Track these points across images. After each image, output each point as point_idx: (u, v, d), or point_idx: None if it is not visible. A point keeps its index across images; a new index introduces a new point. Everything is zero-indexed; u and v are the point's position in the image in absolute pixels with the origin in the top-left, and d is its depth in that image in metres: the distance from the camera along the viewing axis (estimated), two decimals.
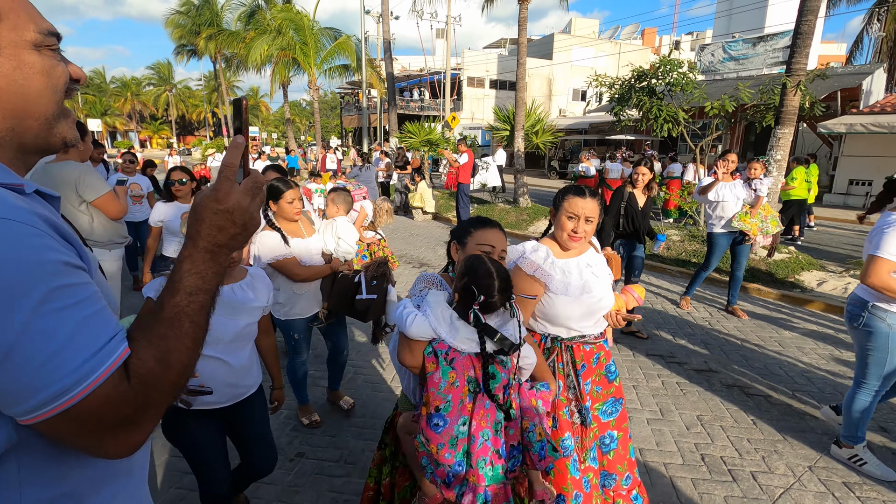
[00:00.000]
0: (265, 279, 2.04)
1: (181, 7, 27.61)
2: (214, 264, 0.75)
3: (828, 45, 29.73)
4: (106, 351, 0.64)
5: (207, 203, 0.74)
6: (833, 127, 13.01)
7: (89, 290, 0.66)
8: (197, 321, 0.72)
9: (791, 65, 6.96)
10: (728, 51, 19.23)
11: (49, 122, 0.72)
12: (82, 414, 0.61)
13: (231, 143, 0.77)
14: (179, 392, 0.73)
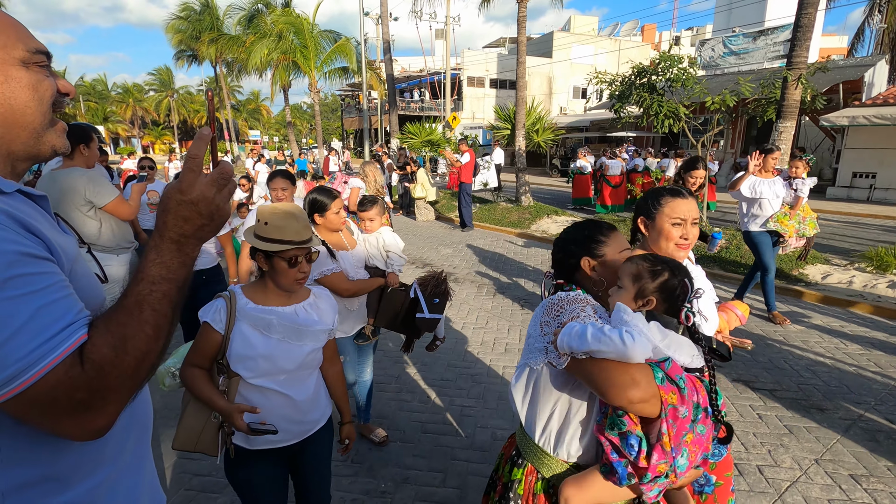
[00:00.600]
0: (329, 298, 1.84)
1: (181, 12, 27.74)
2: (180, 254, 0.77)
3: (829, 38, 29.60)
4: (60, 337, 0.66)
5: (172, 194, 0.76)
6: (836, 120, 12.95)
7: (51, 279, 0.69)
8: (158, 309, 0.73)
9: (792, 58, 6.94)
10: (728, 45, 19.17)
11: (37, 131, 0.76)
12: (36, 397, 0.65)
13: (197, 135, 0.77)
14: (142, 380, 0.74)
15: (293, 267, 1.60)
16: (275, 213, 1.61)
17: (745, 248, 6.85)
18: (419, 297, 2.69)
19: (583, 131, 24.76)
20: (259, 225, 1.61)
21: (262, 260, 1.61)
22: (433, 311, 2.68)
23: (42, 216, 0.79)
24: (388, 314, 2.75)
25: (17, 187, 0.75)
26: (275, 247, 1.57)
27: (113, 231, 3.07)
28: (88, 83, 50.47)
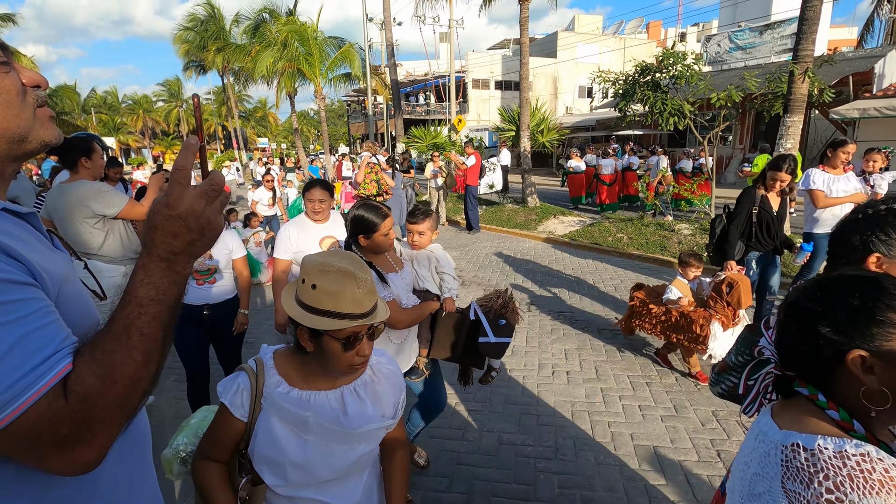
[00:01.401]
0: (394, 374, 1.35)
1: (188, 23, 28.09)
2: (170, 273, 0.72)
3: (837, 30, 29.21)
4: (42, 368, 0.62)
5: (159, 209, 0.71)
6: (846, 112, 12.76)
7: (33, 305, 0.65)
8: (148, 333, 0.69)
9: (798, 52, 6.85)
10: (734, 40, 18.99)
11: (14, 135, 0.72)
12: (18, 432, 0.61)
13: (184, 145, 0.72)
14: (134, 408, 0.70)
15: (350, 349, 1.13)
16: (326, 271, 1.11)
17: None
18: (481, 318, 2.34)
19: (589, 130, 24.65)
20: (304, 287, 1.12)
21: (305, 337, 1.14)
22: (500, 335, 2.34)
23: (29, 234, 0.76)
24: (444, 343, 2.41)
25: (3, 206, 0.73)
26: (327, 323, 1.09)
27: (122, 242, 3.09)
28: (100, 96, 51.30)
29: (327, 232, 3.03)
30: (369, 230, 2.13)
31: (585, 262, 7.57)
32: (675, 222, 8.38)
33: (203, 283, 2.83)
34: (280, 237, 2.96)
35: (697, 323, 3.58)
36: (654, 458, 2.85)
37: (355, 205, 2.22)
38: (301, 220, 3.04)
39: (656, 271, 6.84)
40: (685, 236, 7.61)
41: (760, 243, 3.83)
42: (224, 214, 0.85)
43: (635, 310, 4.15)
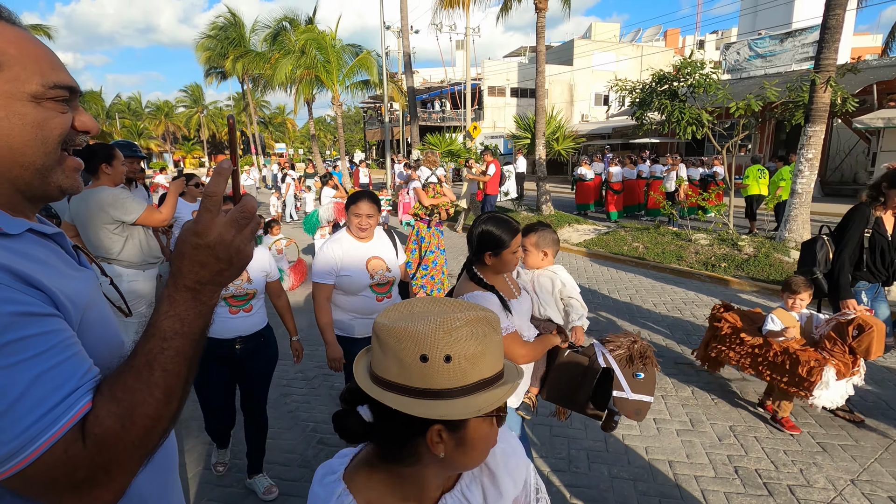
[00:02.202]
0: (517, 455, 0.93)
1: (210, 31, 28.74)
2: (197, 304, 0.69)
3: (861, 37, 28.67)
4: (60, 409, 0.60)
5: (187, 237, 0.68)
6: (870, 122, 12.50)
7: (53, 339, 0.62)
8: (171, 369, 0.66)
9: (820, 60, 6.75)
10: (754, 48, 18.76)
11: (40, 171, 0.70)
12: (35, 476, 0.59)
13: (216, 169, 0.69)
14: (154, 447, 0.67)
15: (502, 423, 0.82)
16: (453, 328, 0.74)
17: (774, 255, 6.64)
18: (614, 369, 1.99)
19: (605, 138, 24.52)
20: (426, 368, 0.73)
21: (445, 436, 0.75)
22: (638, 391, 1.96)
23: (56, 256, 0.75)
24: (563, 387, 2.09)
25: (27, 226, 0.70)
26: (487, 400, 0.74)
27: (141, 248, 3.14)
28: (124, 101, 52.64)
29: (374, 252, 2.62)
30: (498, 247, 1.87)
31: (600, 270, 7.51)
32: (692, 232, 8.27)
33: (237, 312, 2.44)
34: (321, 259, 2.56)
35: (806, 365, 2.99)
36: (669, 473, 2.80)
37: (481, 218, 1.95)
38: (343, 239, 2.61)
39: (673, 281, 6.75)
40: (702, 246, 7.51)
41: (872, 273, 3.29)
42: None
43: (720, 334, 3.56)
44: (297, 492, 2.67)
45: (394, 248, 2.76)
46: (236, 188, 0.73)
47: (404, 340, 0.74)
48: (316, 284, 2.57)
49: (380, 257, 2.63)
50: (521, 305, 2.00)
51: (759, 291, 6.15)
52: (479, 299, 1.82)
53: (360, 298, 2.61)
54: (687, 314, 5.43)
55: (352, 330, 2.67)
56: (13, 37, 0.68)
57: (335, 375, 4.08)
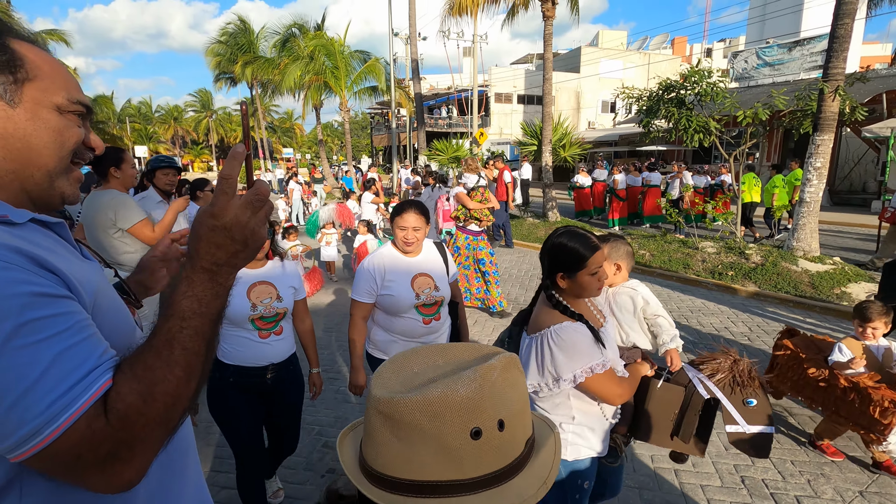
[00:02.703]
0: None
1: (220, 37, 29.08)
2: (213, 285, 0.71)
3: (870, 46, 28.56)
4: (81, 386, 0.61)
5: (204, 219, 0.70)
6: (879, 131, 12.41)
7: (70, 320, 0.64)
8: (190, 347, 0.68)
9: (828, 70, 6.74)
10: (762, 56, 18.72)
11: (50, 174, 0.75)
12: (58, 453, 0.60)
13: (230, 153, 0.71)
14: (175, 425, 0.69)
15: None
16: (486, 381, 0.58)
17: (781, 265, 6.60)
18: (719, 396, 1.69)
19: (612, 145, 24.51)
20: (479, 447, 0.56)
21: None
22: (753, 422, 1.68)
23: (60, 245, 0.77)
24: (658, 423, 1.78)
25: (31, 216, 0.73)
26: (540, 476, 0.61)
27: (142, 253, 3.11)
28: (134, 106, 53.27)
29: (421, 267, 2.37)
30: (573, 266, 1.57)
31: None
32: (698, 240, 8.24)
33: (268, 336, 2.18)
34: (361, 274, 2.33)
35: (879, 405, 2.61)
36: (675, 482, 2.79)
37: (557, 232, 1.65)
38: (387, 253, 2.38)
39: (679, 289, 6.72)
40: (709, 254, 7.48)
41: None
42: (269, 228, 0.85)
43: (779, 362, 3.27)
44: (302, 495, 2.68)
45: (444, 263, 2.48)
46: (249, 172, 0.75)
47: (446, 415, 0.54)
48: (354, 302, 2.36)
49: (427, 274, 2.36)
50: (609, 334, 1.70)
51: (759, 298, 6.11)
52: (569, 332, 1.53)
53: (404, 320, 2.34)
54: (694, 322, 5.40)
55: (392, 352, 2.37)
56: (47, 58, 0.77)
57: (340, 379, 4.09)
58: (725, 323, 5.36)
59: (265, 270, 2.23)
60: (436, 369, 0.63)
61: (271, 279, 2.22)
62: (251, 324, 2.15)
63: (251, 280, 2.17)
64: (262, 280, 2.19)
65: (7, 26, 0.76)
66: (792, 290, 6.12)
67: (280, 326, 2.23)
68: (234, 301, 1.93)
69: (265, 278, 2.21)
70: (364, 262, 2.36)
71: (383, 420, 0.57)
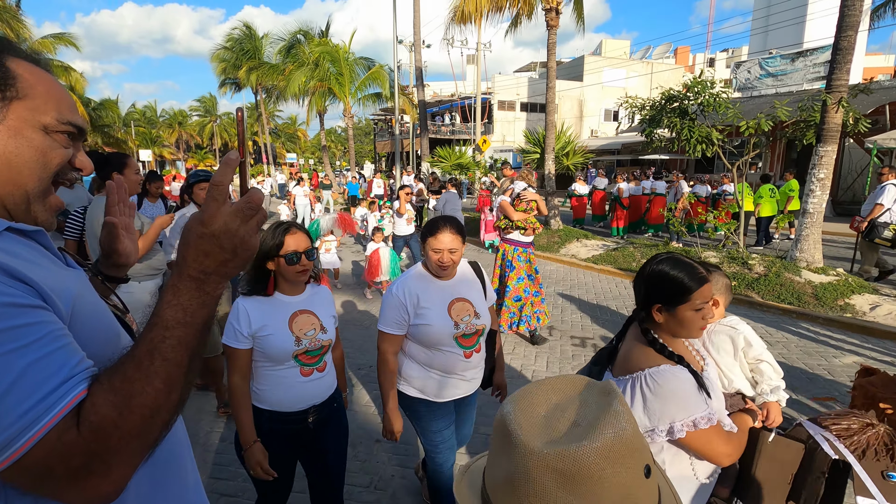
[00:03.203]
0: None
1: (226, 43, 29.34)
2: (200, 294, 0.70)
3: (873, 57, 28.65)
4: (52, 398, 0.60)
5: (193, 226, 0.69)
6: (883, 142, 12.43)
7: (43, 329, 0.63)
8: (171, 358, 0.66)
9: (831, 81, 6.76)
10: (765, 67, 18.79)
11: (28, 195, 0.74)
12: (29, 467, 0.59)
13: (224, 160, 0.70)
14: (155, 438, 0.67)
15: None
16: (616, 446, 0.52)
17: (785, 275, 6.59)
18: (851, 460, 1.40)
19: (614, 154, 24.56)
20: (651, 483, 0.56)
21: None
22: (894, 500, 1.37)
23: (38, 254, 0.75)
24: (772, 485, 1.49)
25: (6, 225, 0.71)
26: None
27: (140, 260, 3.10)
28: (139, 110, 53.64)
29: (458, 292, 2.11)
30: (674, 299, 1.36)
31: (608, 286, 7.48)
32: (701, 249, 8.24)
33: (311, 373, 1.90)
34: (389, 302, 2.06)
35: None
36: None
37: (657, 257, 1.45)
38: (419, 277, 2.10)
39: None
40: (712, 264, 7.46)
41: None
42: None
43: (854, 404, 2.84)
44: None
45: (482, 286, 2.23)
46: (243, 179, 0.74)
47: (626, 458, 0.50)
48: (382, 334, 2.08)
49: (466, 300, 2.09)
50: (713, 380, 1.45)
51: (762, 309, 6.09)
52: (667, 377, 1.31)
53: (443, 354, 2.06)
54: None
55: (430, 390, 2.13)
56: (43, 77, 0.76)
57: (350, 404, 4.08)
58: None
59: (304, 298, 1.95)
60: (564, 409, 0.57)
61: (312, 307, 1.94)
62: (295, 360, 1.85)
63: (291, 309, 1.88)
64: (304, 309, 1.91)
65: (10, 45, 0.77)
66: (795, 300, 6.09)
67: (324, 361, 1.95)
68: (275, 336, 1.81)
69: (306, 307, 1.92)
70: (392, 288, 2.10)
71: (557, 478, 0.49)
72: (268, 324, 1.82)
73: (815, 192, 7.01)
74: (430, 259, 2.04)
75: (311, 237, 1.92)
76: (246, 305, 1.84)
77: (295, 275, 1.86)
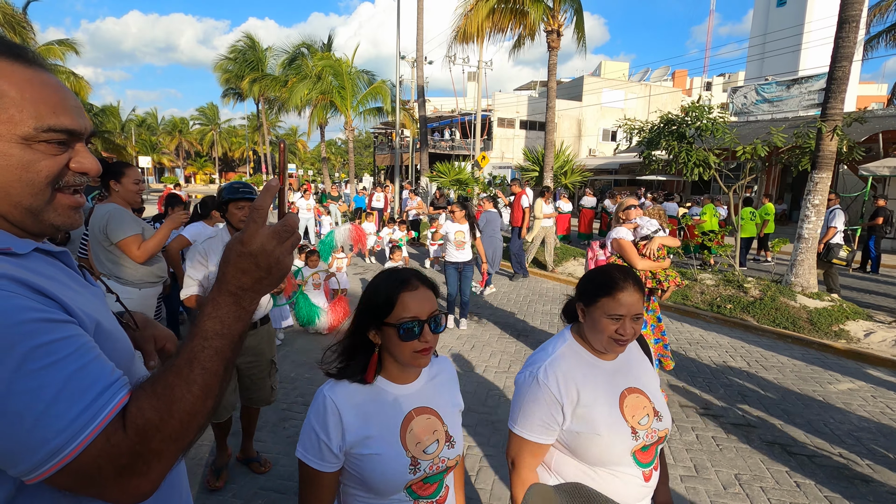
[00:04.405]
0: None
1: (230, 54, 29.62)
2: (237, 308, 0.74)
3: (866, 86, 29.19)
4: (98, 404, 0.64)
5: (233, 245, 0.74)
6: (876, 170, 12.59)
7: (76, 342, 0.66)
8: (209, 367, 0.71)
9: (826, 109, 6.87)
10: (761, 93, 19.11)
11: (29, 210, 0.73)
12: (80, 469, 0.63)
13: (265, 186, 0.75)
14: (190, 441, 0.71)
15: None
16: None
17: (780, 299, 6.61)
18: None
19: (612, 174, 24.76)
20: None
21: None
22: None
23: (63, 273, 0.78)
24: None
25: (34, 246, 0.74)
26: None
27: (135, 266, 3.07)
28: (140, 116, 53.89)
29: (629, 379, 1.42)
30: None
31: None
32: (697, 271, 8.27)
33: None
34: (536, 394, 1.36)
35: None
36: None
37: None
38: (575, 355, 1.41)
39: (678, 319, 6.71)
40: (708, 286, 7.49)
41: None
42: None
43: None
44: None
45: (651, 364, 1.53)
46: (282, 204, 0.80)
47: None
48: (519, 441, 1.38)
49: (641, 391, 1.40)
50: None
51: (756, 332, 6.09)
52: None
53: (615, 477, 1.33)
54: (692, 354, 5.38)
55: None
56: (21, 79, 0.70)
57: None
58: (724, 357, 5.33)
59: (420, 387, 1.27)
60: None
61: (432, 402, 1.26)
62: (407, 493, 1.19)
63: (404, 409, 1.22)
64: (422, 407, 1.24)
65: None
66: (790, 325, 6.11)
67: (445, 487, 1.26)
68: (381, 458, 1.14)
69: (424, 403, 1.25)
70: (537, 373, 1.37)
71: None
72: (372, 435, 1.15)
73: (811, 217, 7.08)
74: (601, 328, 1.34)
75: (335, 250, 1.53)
76: (336, 401, 1.16)
77: (412, 356, 1.16)
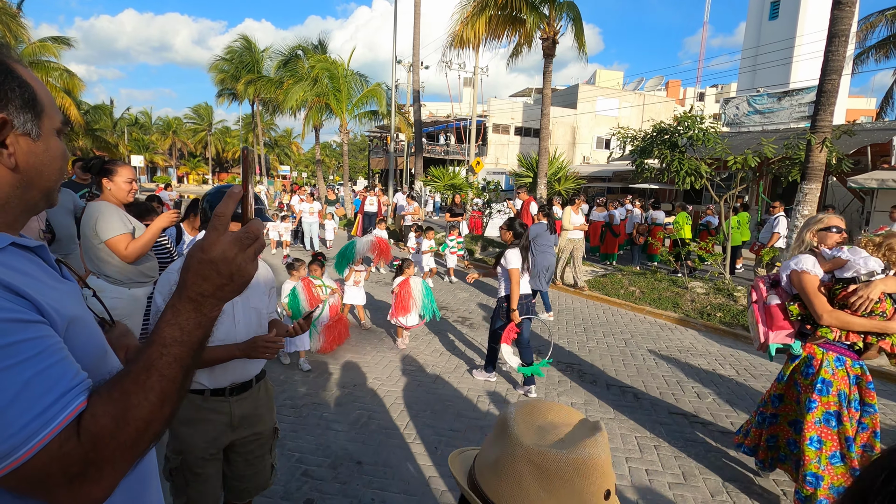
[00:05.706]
0: None
1: (226, 55, 29.51)
2: (197, 314, 0.73)
3: (855, 100, 29.68)
4: (55, 408, 0.64)
5: (194, 252, 0.74)
6: (864, 182, 12.78)
7: (42, 344, 0.66)
8: (167, 374, 0.70)
9: (816, 122, 6.97)
10: (753, 104, 19.34)
11: (49, 192, 0.81)
12: (29, 472, 0.62)
13: (227, 193, 0.75)
14: (145, 449, 0.71)
15: None
16: None
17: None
18: None
19: (605, 181, 24.92)
20: None
21: None
22: None
23: (38, 269, 0.78)
24: None
25: (10, 241, 0.74)
26: None
27: (124, 265, 3.03)
28: (133, 115, 53.49)
29: None
30: None
31: (596, 313, 7.50)
32: (688, 280, 8.32)
33: None
34: None
35: None
36: None
37: None
38: None
39: (668, 328, 6.74)
40: (698, 294, 7.54)
41: None
42: None
43: None
44: None
45: None
46: (245, 211, 0.80)
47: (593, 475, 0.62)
48: None
49: None
50: None
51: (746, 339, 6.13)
52: None
53: None
54: (683, 362, 5.40)
55: None
56: (39, 82, 0.80)
57: (324, 404, 4.01)
58: (713, 364, 5.36)
59: None
60: (556, 427, 0.69)
61: None
62: None
63: None
64: None
65: (8, 51, 0.77)
66: None
67: None
68: None
69: None
70: None
71: (534, 471, 0.63)
72: None
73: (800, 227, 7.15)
74: None
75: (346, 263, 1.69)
76: None
77: None
